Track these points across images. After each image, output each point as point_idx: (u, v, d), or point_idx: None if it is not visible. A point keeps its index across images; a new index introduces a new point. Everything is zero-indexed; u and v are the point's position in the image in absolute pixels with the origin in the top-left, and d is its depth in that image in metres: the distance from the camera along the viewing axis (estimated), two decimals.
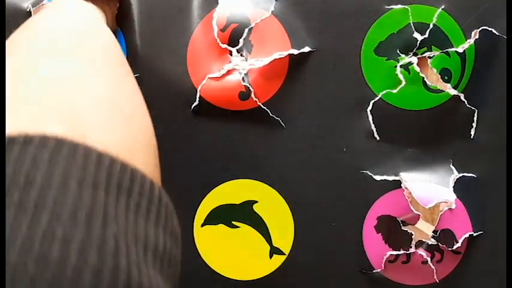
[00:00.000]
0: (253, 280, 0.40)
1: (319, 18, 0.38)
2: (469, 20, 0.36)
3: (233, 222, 0.40)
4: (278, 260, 0.40)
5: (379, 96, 0.38)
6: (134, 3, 0.38)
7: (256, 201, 0.40)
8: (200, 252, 0.41)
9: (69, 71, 0.22)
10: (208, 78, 0.38)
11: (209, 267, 0.41)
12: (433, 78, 0.37)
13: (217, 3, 0.37)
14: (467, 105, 0.37)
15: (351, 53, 0.38)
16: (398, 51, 0.37)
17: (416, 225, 0.38)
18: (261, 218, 0.40)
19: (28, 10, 0.37)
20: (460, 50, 0.36)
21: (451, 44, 0.37)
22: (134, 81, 0.26)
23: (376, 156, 0.39)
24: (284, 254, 0.40)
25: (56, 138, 0.17)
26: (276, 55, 0.37)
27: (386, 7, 0.37)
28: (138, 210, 0.18)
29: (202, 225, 0.40)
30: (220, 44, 0.37)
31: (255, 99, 0.38)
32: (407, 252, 0.38)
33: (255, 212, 0.40)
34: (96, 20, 0.31)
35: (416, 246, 0.38)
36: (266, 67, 0.37)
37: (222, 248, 0.40)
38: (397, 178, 0.38)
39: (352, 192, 0.39)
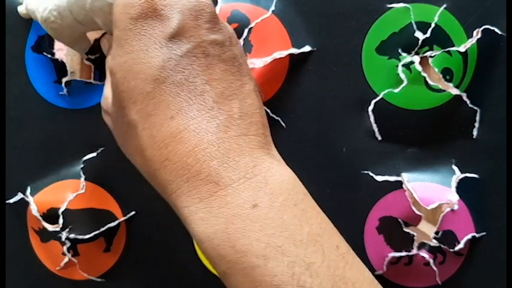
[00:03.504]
0: None
1: (319, 18, 0.38)
2: (471, 19, 0.36)
3: None
4: None
5: (381, 95, 0.37)
6: None
7: None
8: (198, 253, 0.40)
9: None
10: None
11: (207, 268, 0.40)
12: (434, 78, 0.37)
13: (217, 3, 0.37)
14: (469, 105, 0.37)
15: (351, 52, 0.38)
16: (399, 51, 0.37)
17: (418, 227, 0.38)
18: None
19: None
20: (462, 49, 0.36)
21: (452, 43, 0.36)
22: None
23: (377, 156, 0.38)
24: None
25: None
26: (276, 55, 0.37)
27: (388, 6, 0.37)
28: None
29: None
30: None
31: None
32: (410, 253, 0.38)
33: None
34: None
35: (419, 248, 0.38)
36: (266, 67, 0.37)
37: None
38: (398, 179, 0.38)
39: (353, 193, 0.39)
